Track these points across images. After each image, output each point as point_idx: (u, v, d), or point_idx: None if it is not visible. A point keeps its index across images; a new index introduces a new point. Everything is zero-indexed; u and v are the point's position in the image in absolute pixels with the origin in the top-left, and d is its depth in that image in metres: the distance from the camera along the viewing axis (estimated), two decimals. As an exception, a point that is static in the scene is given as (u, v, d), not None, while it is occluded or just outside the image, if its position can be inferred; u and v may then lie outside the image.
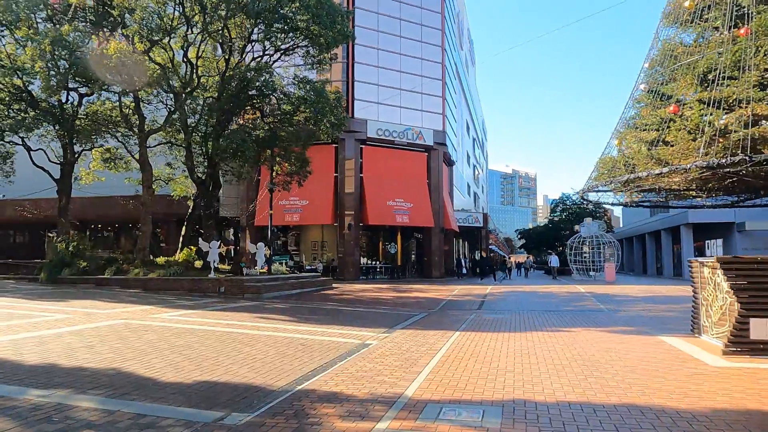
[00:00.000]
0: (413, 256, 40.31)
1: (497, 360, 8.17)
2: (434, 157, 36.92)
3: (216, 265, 19.99)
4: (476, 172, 71.46)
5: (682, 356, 8.47)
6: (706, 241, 39.67)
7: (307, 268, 33.33)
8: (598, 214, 48.87)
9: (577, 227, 44.77)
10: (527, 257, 61.54)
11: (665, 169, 9.45)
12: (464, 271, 42.96)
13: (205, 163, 21.41)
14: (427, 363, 7.95)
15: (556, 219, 53.32)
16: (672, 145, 9.72)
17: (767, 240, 34.39)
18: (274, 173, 22.51)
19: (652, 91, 10.99)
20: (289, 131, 20.71)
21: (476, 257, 51.67)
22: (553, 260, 34.37)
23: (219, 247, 20.17)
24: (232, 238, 36.84)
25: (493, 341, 10.01)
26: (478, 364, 7.85)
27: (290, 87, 21.10)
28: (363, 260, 36.43)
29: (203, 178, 21.62)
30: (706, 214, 37.09)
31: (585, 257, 36.09)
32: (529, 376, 7.05)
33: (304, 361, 8.09)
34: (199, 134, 20.89)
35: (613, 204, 18.05)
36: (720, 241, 37.45)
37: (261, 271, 21.98)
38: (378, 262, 37.30)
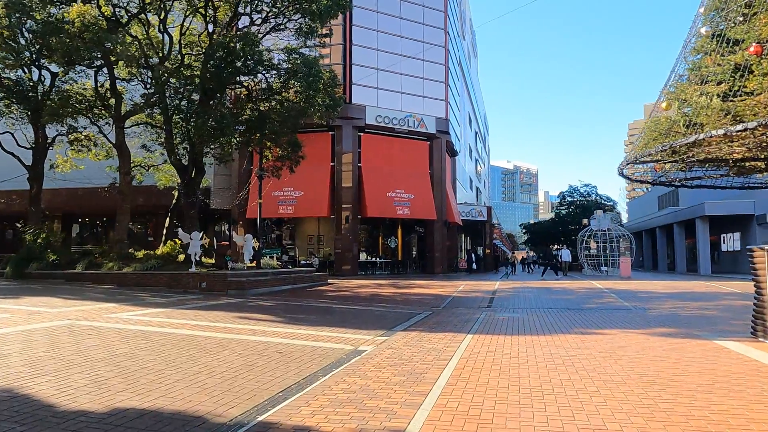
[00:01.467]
0: (414, 250, 38.45)
1: (526, 375, 6.31)
2: (437, 146, 35.00)
3: (198, 259, 18.15)
4: (478, 167, 69.58)
5: (760, 368, 6.61)
6: (722, 235, 37.77)
7: (302, 263, 31.48)
8: (606, 207, 47.03)
9: (585, 221, 42.95)
10: (528, 253, 59.62)
11: (751, 124, 7.55)
12: (475, 266, 41.21)
13: (187, 147, 19.53)
14: (436, 379, 6.09)
15: (563, 212, 51.29)
16: (757, 94, 7.86)
17: (790, 233, 32.53)
18: (263, 159, 20.61)
19: (714, 36, 9.12)
20: (279, 111, 18.79)
21: (479, 252, 49.81)
22: (565, 254, 32.20)
23: (202, 239, 18.31)
24: (227, 233, 34.94)
25: (514, 347, 8.15)
26: (503, 381, 5.98)
27: (280, 62, 19.10)
28: (363, 255, 34.60)
29: (185, 163, 19.73)
30: (724, 207, 35.19)
31: (595, 252, 34.24)
32: (578, 402, 5.18)
33: (277, 375, 6.23)
34: (180, 115, 18.99)
35: (653, 183, 16.18)
36: (737, 235, 35.54)
37: (249, 265, 20.13)
38: (378, 257, 35.44)
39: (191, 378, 5.98)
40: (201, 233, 18.51)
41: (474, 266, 40.99)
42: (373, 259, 35.10)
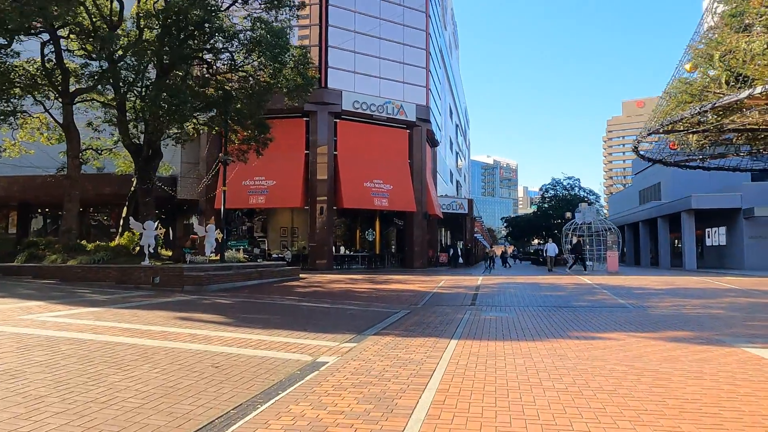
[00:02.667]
0: (393, 244, 36.96)
1: (531, 401, 4.81)
2: (417, 134, 33.45)
3: (152, 251, 16.37)
4: (459, 161, 68.34)
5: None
6: (706, 230, 36.97)
7: (274, 256, 29.75)
8: (590, 201, 46.10)
9: (568, 214, 41.90)
10: (504, 249, 58.32)
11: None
12: (460, 260, 39.94)
13: (141, 127, 17.70)
14: (412, 409, 4.56)
15: (545, 206, 50.20)
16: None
17: (777, 227, 31.77)
18: (227, 142, 18.84)
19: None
20: (243, 88, 17.03)
21: (461, 247, 48.53)
22: (551, 249, 30.85)
23: (157, 229, 16.53)
24: (197, 224, 32.97)
25: (509, 358, 6.67)
26: (503, 412, 4.47)
27: (244, 31, 17.27)
28: (342, 249, 33.00)
29: (139, 144, 17.88)
30: (711, 200, 34.34)
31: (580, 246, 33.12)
32: (612, 448, 3.69)
33: (201, 403, 4.65)
34: (134, 91, 17.13)
35: (671, 163, 14.80)
36: (723, 229, 34.75)
37: (211, 258, 18.40)
38: (355, 251, 33.83)
39: (76, 411, 4.34)
40: (156, 223, 16.73)
41: (460, 260, 39.71)
42: (350, 252, 33.51)
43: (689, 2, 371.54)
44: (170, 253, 17.85)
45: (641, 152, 13.08)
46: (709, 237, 36.99)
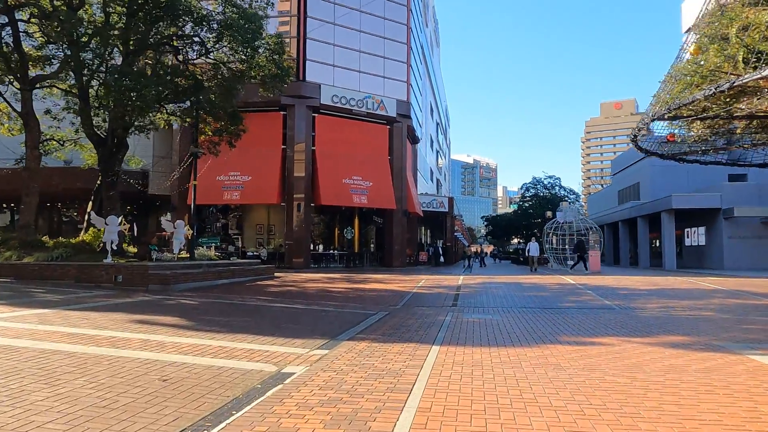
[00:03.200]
0: (371, 242, 36.24)
1: (528, 424, 4.13)
2: (397, 130, 32.76)
3: (115, 247, 15.40)
4: (439, 159, 67.92)
5: None
6: (686, 229, 36.97)
7: (249, 254, 28.80)
8: (570, 200, 45.97)
9: (549, 213, 41.64)
10: (479, 248, 57.95)
11: None
12: (442, 259, 39.48)
13: (105, 117, 16.68)
14: (390, 435, 3.85)
15: (526, 205, 49.88)
16: None
17: (756, 228, 31.76)
18: (198, 134, 17.92)
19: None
20: (215, 77, 16.12)
21: (439, 245, 48.07)
22: (533, 248, 29.91)
23: (120, 224, 15.55)
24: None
25: (497, 367, 6.00)
26: (496, 438, 3.79)
27: (212, 14, 16.30)
28: (319, 246, 32.20)
29: (103, 135, 16.87)
30: (691, 200, 34.30)
31: (558, 245, 32.82)
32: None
33: (134, 429, 3.87)
34: (98, 79, 16.11)
35: (669, 156, 14.27)
36: (702, 229, 34.74)
37: (180, 256, 17.47)
38: (334, 249, 33.02)
39: (-26, 442, 3.54)
40: (120, 218, 15.75)
41: (441, 259, 39.25)
42: (329, 251, 32.71)
43: (667, 8, 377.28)
44: (136, 250, 16.87)
45: (639, 143, 12.59)
46: (688, 237, 37.00)
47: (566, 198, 45.14)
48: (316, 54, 29.57)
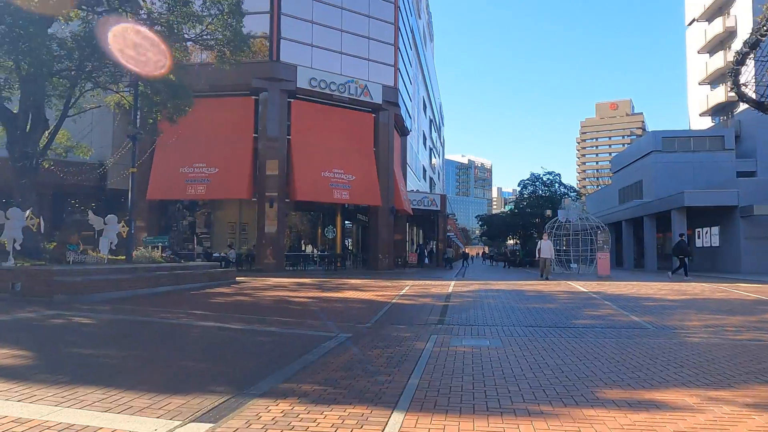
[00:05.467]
0: (350, 242, 33.28)
1: None
2: (383, 119, 29.79)
3: (18, 247, 12.34)
4: (433, 158, 65.06)
5: None
6: (696, 229, 34.13)
7: (215, 255, 25.75)
8: (572, 197, 43.16)
9: (548, 212, 38.82)
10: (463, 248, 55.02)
11: None
12: (426, 260, 36.66)
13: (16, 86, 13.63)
14: None
15: (523, 203, 46.93)
16: None
17: (776, 227, 28.97)
18: (136, 111, 14.86)
19: None
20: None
21: (432, 246, 45.15)
22: (545, 248, 22.71)
23: (27, 219, 12.48)
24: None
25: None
26: None
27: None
28: (305, 247, 29.26)
29: (14, 111, 13.81)
30: (705, 197, 31.44)
31: (559, 246, 29.93)
32: None
33: None
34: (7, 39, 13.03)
35: None
36: (716, 229, 31.89)
37: (112, 258, 14.39)
38: (315, 250, 29.98)
39: None
40: (27, 212, 12.67)
41: (426, 261, 36.43)
42: (307, 252, 29.68)
43: (662, 9, 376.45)
44: (52, 250, 13.78)
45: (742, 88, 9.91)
46: (699, 237, 34.17)
47: (567, 195, 42.28)
48: (292, 32, 26.55)
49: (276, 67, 25.74)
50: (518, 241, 55.64)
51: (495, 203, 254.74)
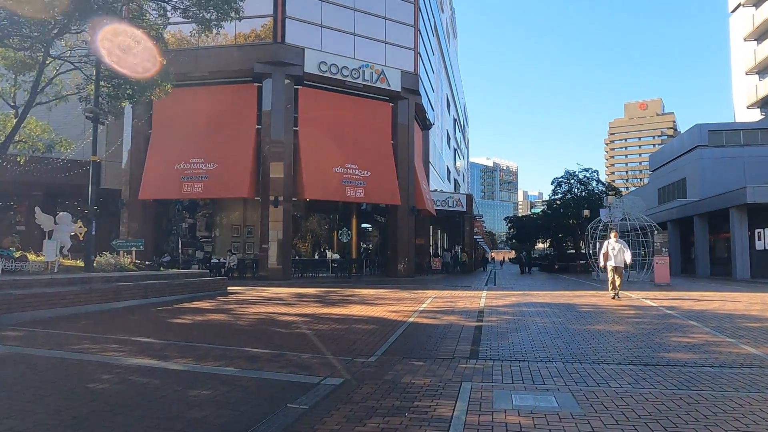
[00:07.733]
0: (369, 246, 30.39)
1: None
2: (403, 109, 26.85)
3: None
4: (458, 160, 61.90)
5: None
6: (756, 230, 30.31)
7: (213, 261, 23.09)
8: (615, 193, 39.54)
9: (586, 212, 35.35)
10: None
11: None
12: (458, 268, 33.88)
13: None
14: None
15: (557, 203, 43.30)
16: None
17: None
18: (98, 86, 12.19)
19: None
20: None
21: (456, 251, 41.99)
22: (619, 251, 14.75)
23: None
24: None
25: None
26: None
27: None
28: (327, 253, 26.54)
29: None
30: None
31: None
32: None
33: None
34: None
35: None
36: (783, 229, 28.13)
37: (56, 264, 11.65)
38: (326, 255, 27.14)
39: None
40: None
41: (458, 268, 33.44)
42: (319, 257, 26.87)
43: (693, 9, 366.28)
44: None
45: None
46: (760, 239, 30.32)
47: (606, 194, 38.70)
48: (299, 10, 23.81)
49: (281, 50, 23.02)
50: (553, 244, 51.99)
51: (521, 206, 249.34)
